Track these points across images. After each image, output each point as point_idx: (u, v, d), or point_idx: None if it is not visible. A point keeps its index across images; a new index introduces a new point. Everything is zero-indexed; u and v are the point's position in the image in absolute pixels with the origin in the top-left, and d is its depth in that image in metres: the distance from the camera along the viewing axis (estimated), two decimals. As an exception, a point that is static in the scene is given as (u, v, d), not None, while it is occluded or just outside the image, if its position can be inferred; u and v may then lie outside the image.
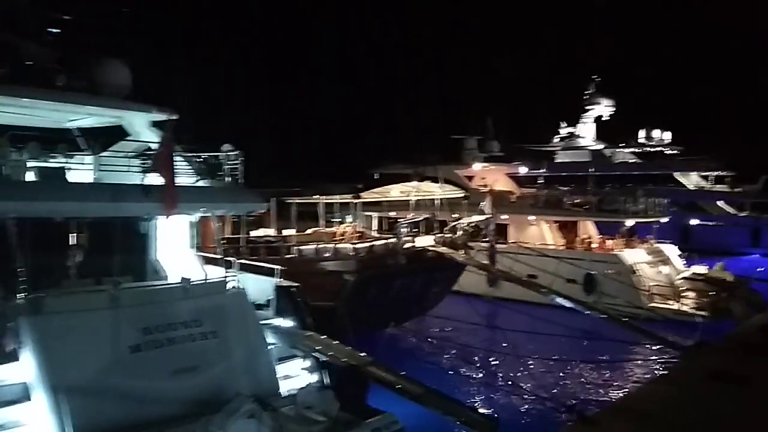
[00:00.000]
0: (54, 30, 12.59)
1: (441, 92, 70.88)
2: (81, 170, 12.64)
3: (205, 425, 8.22)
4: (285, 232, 24.64)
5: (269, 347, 11.14)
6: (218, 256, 12.88)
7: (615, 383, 18.30)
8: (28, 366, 8.69)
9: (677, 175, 48.06)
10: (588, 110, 47.08)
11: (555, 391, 16.52)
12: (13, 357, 8.83)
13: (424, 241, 21.45)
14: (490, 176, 38.03)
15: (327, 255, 20.46)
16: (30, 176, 10.78)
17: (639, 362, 20.37)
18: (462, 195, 26.26)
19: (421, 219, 22.96)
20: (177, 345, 9.84)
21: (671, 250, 30.49)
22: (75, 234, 11.65)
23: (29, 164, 10.98)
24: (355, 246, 20.50)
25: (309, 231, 26.15)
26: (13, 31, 12.31)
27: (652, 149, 49.91)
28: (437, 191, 24.63)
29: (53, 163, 12.25)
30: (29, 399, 8.53)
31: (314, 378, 11.46)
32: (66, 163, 12.35)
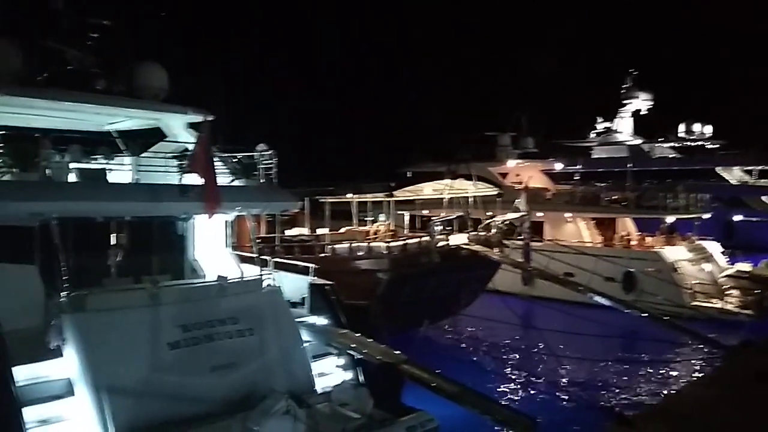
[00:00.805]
0: (93, 35, 12.92)
1: (474, 89, 70.35)
2: (121, 171, 12.95)
3: (242, 421, 8.32)
4: (319, 231, 24.80)
5: (304, 344, 11.21)
6: (254, 255, 13.03)
7: (654, 384, 17.85)
8: (71, 362, 8.93)
9: (719, 170, 46.57)
10: (625, 104, 46.07)
11: (593, 391, 16.22)
12: (57, 353, 9.09)
13: (458, 239, 21.29)
14: (525, 173, 37.53)
15: (360, 253, 20.49)
16: (72, 178, 11.09)
17: (680, 362, 19.85)
18: (496, 192, 25.97)
19: (454, 217, 22.80)
20: (215, 342, 9.99)
21: (714, 247, 29.62)
22: (115, 234, 11.96)
23: (71, 166, 11.30)
24: (388, 244, 20.49)
25: (342, 230, 26.26)
26: (55, 37, 12.69)
27: (693, 143, 48.52)
28: (470, 189, 24.42)
29: (94, 164, 12.60)
30: (73, 394, 8.76)
31: (349, 375, 11.50)
32: (106, 164, 12.68)
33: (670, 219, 30.52)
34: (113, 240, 11.90)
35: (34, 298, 10.27)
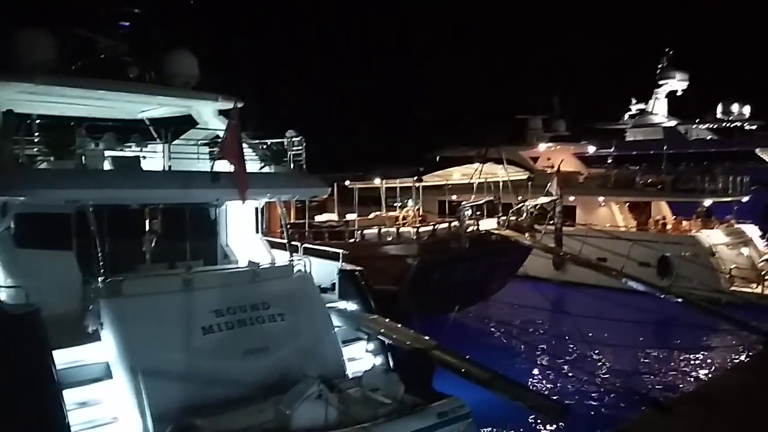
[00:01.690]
0: (125, 23, 13.05)
1: (505, 71, 69.28)
2: (153, 159, 13.13)
3: (274, 405, 8.40)
4: (347, 217, 24.85)
5: (335, 330, 11.27)
6: (284, 241, 13.11)
7: (691, 370, 17.53)
8: (108, 346, 9.13)
9: (759, 152, 45.13)
10: (660, 85, 44.84)
11: (627, 378, 15.99)
12: (95, 337, 9.31)
13: (488, 224, 21.10)
14: (556, 156, 36.93)
15: (389, 239, 20.47)
16: (106, 165, 11.28)
17: (717, 349, 19.48)
18: (526, 176, 25.61)
19: (483, 202, 22.59)
20: (247, 327, 10.10)
21: (753, 231, 28.84)
22: (149, 220, 12.14)
23: (106, 154, 11.49)
24: (417, 230, 20.42)
25: (371, 215, 26.26)
26: (87, 26, 12.86)
27: (731, 124, 46.99)
28: (501, 173, 24.13)
29: (128, 152, 12.80)
30: (111, 377, 8.97)
31: (379, 360, 11.52)
32: (140, 152, 12.87)
33: (707, 202, 29.77)
34: (147, 226, 12.09)
35: (71, 283, 10.49)
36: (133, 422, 8.58)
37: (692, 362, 18.16)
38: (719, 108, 47.33)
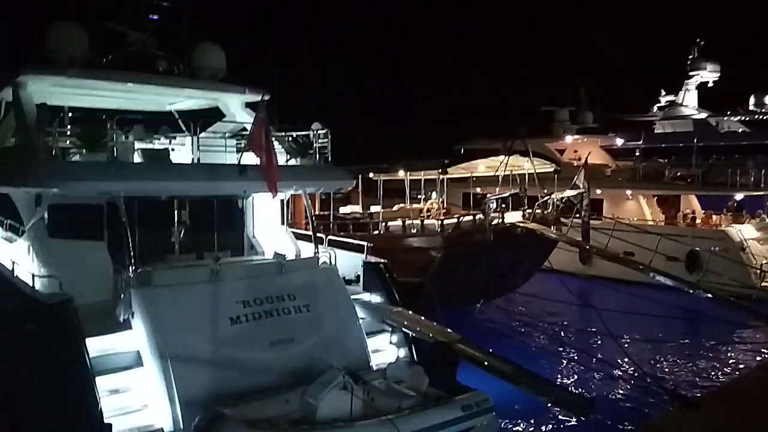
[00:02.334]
0: (154, 16, 13.23)
1: (531, 62, 68.42)
2: (182, 151, 13.33)
3: (300, 395, 8.50)
4: (372, 209, 24.90)
5: (359, 321, 11.34)
6: (309, 233, 13.22)
7: (719, 367, 17.24)
8: (139, 335, 9.33)
9: (793, 145, 43.95)
10: (691, 76, 43.83)
11: (654, 374, 15.79)
12: (126, 326, 9.51)
13: (513, 217, 20.96)
14: (583, 149, 36.43)
15: (414, 231, 20.48)
16: (136, 158, 11.48)
17: (746, 345, 19.14)
18: (553, 169, 25.34)
19: (508, 194, 22.44)
20: (273, 318, 10.22)
21: (786, 226, 28.12)
22: (178, 211, 12.35)
23: (136, 146, 11.69)
24: (441, 222, 20.38)
25: (395, 207, 26.27)
26: (117, 19, 13.07)
27: (763, 117, 45.79)
28: (527, 165, 23.92)
29: (157, 144, 13.01)
30: (142, 365, 9.17)
31: (403, 353, 11.57)
32: (168, 144, 13.07)
33: (738, 196, 29.14)
34: (176, 218, 12.30)
35: (103, 273, 10.74)
36: (162, 409, 8.76)
37: (720, 358, 17.86)
38: (751, 100, 46.10)
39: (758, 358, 17.63)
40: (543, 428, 12.90)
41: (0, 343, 10.95)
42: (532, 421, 12.95)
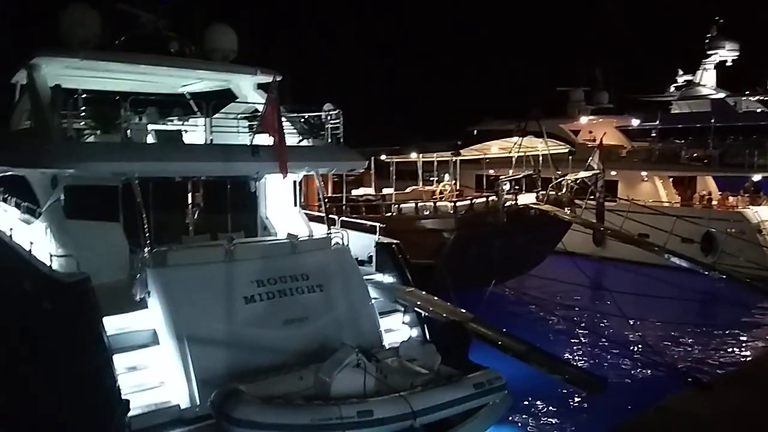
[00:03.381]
0: (166, -2, 13.23)
1: (545, 41, 67.48)
2: (194, 133, 13.38)
3: (314, 372, 8.60)
4: (384, 191, 24.90)
5: (372, 301, 11.41)
6: (321, 214, 13.25)
7: (733, 348, 17.16)
8: (155, 314, 9.46)
9: (813, 125, 43.12)
10: (709, 55, 43.02)
11: (668, 355, 15.74)
12: (142, 305, 9.65)
13: (526, 198, 20.87)
14: (598, 130, 36.01)
15: (426, 213, 20.48)
16: (150, 139, 11.55)
17: (761, 327, 19.01)
18: (567, 150, 25.13)
19: (522, 176, 22.31)
20: (287, 297, 10.30)
21: (804, 208, 27.70)
22: (191, 193, 12.45)
23: (149, 128, 11.75)
24: (454, 204, 20.34)
25: (408, 189, 26.24)
26: (129, 1, 13.08)
27: (784, 96, 44.96)
28: (541, 147, 23.73)
29: (170, 126, 13.07)
30: (158, 343, 9.30)
31: (415, 332, 11.63)
32: (181, 125, 13.12)
33: (756, 177, 28.72)
34: (190, 199, 12.39)
35: (119, 253, 10.87)
36: (179, 387, 8.91)
37: (735, 340, 17.76)
38: (771, 79, 45.25)
39: (774, 340, 17.53)
40: (555, 406, 12.96)
41: (19, 322, 11.19)
42: (544, 400, 13.01)
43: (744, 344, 17.56)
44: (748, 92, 44.76)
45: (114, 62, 12.16)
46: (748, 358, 16.21)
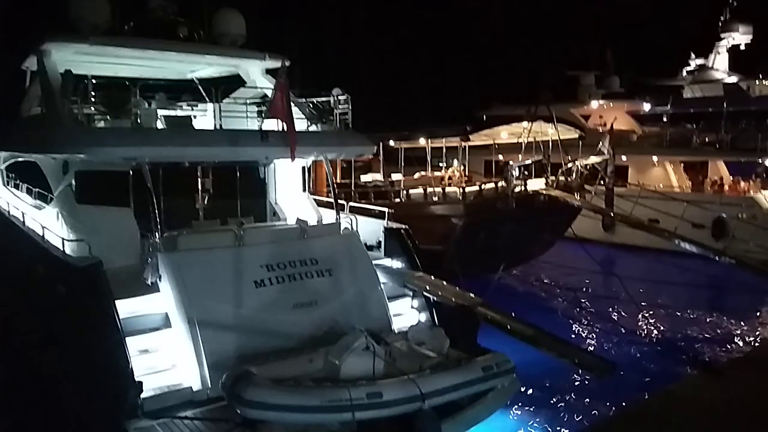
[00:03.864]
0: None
1: (555, 24, 66.69)
2: (204, 118, 13.41)
3: (324, 355, 8.67)
4: (393, 177, 24.86)
5: (381, 286, 11.45)
6: (330, 200, 13.28)
7: (743, 333, 17.11)
8: (167, 297, 9.57)
9: (828, 109, 42.49)
10: (722, 38, 42.41)
11: (677, 339, 15.75)
12: (154, 289, 9.75)
13: (536, 184, 20.79)
14: (609, 114, 35.74)
15: (435, 199, 20.45)
16: (159, 125, 11.59)
17: (773, 312, 18.90)
18: (577, 135, 24.94)
19: (532, 161, 22.19)
20: (296, 281, 10.37)
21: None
22: (201, 179, 12.50)
23: (159, 113, 11.79)
24: (463, 190, 20.29)
25: (416, 175, 26.18)
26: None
27: (798, 80, 44.27)
28: (550, 132, 23.57)
29: (180, 111, 13.10)
30: (170, 326, 9.42)
31: (424, 316, 11.69)
32: (191, 111, 13.14)
33: (768, 162, 28.44)
34: (200, 184, 12.45)
35: (130, 238, 10.98)
36: (190, 369, 9.03)
37: (745, 325, 17.69)
38: (785, 62, 44.54)
39: (785, 325, 17.47)
40: (564, 390, 13.00)
41: (33, 306, 11.34)
42: (553, 384, 13.05)
43: (754, 329, 17.50)
44: (761, 76, 44.11)
45: (123, 48, 12.18)
46: (759, 343, 16.16)
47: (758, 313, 18.69)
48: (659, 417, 7.92)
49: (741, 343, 16.32)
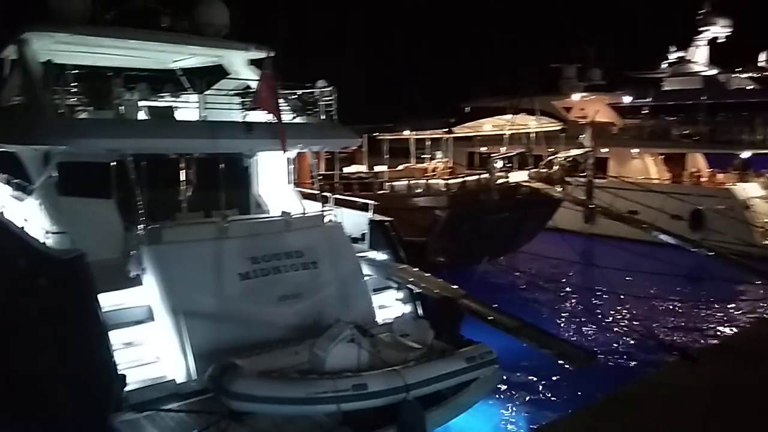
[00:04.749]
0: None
1: (537, 17, 66.97)
2: (186, 109, 13.29)
3: (309, 347, 8.73)
4: (377, 169, 24.88)
5: (365, 278, 11.52)
6: (314, 192, 13.28)
7: (720, 322, 17.51)
8: (150, 290, 9.54)
9: (803, 102, 43.24)
10: (701, 32, 42.91)
11: (655, 328, 16.06)
12: (137, 282, 9.71)
13: (518, 176, 20.98)
14: (590, 107, 36.06)
15: (419, 191, 20.53)
16: (141, 116, 11.48)
17: (747, 302, 19.34)
18: (559, 127, 25.16)
19: (514, 154, 22.36)
20: (281, 274, 10.41)
21: (792, 185, 28.00)
22: (185, 170, 12.42)
23: (141, 104, 11.66)
24: (446, 182, 20.40)
25: (400, 167, 26.24)
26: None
27: (774, 74, 44.94)
28: (533, 124, 23.75)
29: (162, 102, 12.97)
30: (153, 319, 9.39)
31: (408, 308, 11.80)
32: (173, 102, 13.02)
33: (745, 154, 28.93)
34: (183, 176, 12.37)
35: (112, 230, 10.89)
36: (175, 361, 9.04)
37: (721, 314, 18.11)
38: (762, 56, 45.20)
39: (758, 314, 17.86)
40: (545, 380, 13.22)
41: (14, 298, 11.22)
42: (534, 373, 13.27)
43: (729, 318, 17.91)
44: (739, 69, 44.71)
45: (104, 37, 12.01)
46: (734, 332, 16.55)
47: (733, 303, 19.11)
48: (637, 403, 8.10)
49: (717, 332, 16.70)
